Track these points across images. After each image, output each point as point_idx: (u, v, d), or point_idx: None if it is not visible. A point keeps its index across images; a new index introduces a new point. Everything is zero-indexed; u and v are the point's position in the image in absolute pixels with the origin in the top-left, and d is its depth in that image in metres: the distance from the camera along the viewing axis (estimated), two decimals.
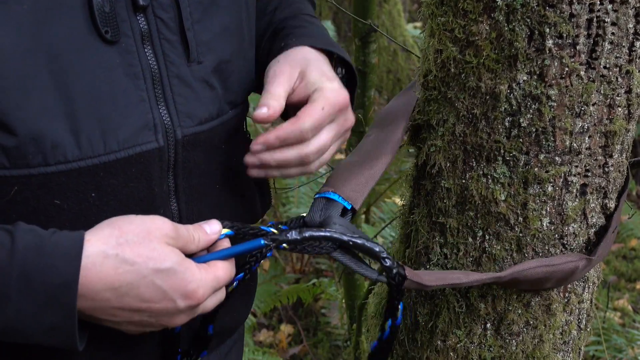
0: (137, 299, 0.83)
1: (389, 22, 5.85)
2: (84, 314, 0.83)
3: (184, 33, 0.95)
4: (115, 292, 0.82)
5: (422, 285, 1.00)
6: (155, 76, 0.93)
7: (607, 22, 0.95)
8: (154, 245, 0.84)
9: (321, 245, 0.99)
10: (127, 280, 0.82)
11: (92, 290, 0.81)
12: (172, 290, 0.84)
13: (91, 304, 0.82)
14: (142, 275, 0.82)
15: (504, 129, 1.00)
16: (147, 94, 0.92)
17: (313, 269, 3.88)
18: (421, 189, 1.13)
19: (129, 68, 0.90)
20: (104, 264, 0.81)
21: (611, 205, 1.08)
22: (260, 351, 2.96)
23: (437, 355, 1.14)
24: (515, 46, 0.96)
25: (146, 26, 0.92)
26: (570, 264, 1.03)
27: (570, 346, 1.15)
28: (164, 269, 0.83)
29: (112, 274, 0.81)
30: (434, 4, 1.03)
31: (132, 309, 0.84)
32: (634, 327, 3.39)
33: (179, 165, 0.98)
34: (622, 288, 4.03)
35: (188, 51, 0.96)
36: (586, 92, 0.98)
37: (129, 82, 0.91)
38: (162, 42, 0.93)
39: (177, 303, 0.85)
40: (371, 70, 2.61)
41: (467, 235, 1.07)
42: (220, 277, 0.89)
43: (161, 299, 0.84)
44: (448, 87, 1.03)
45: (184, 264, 0.85)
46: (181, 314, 0.87)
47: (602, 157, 1.03)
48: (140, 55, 0.92)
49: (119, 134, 0.90)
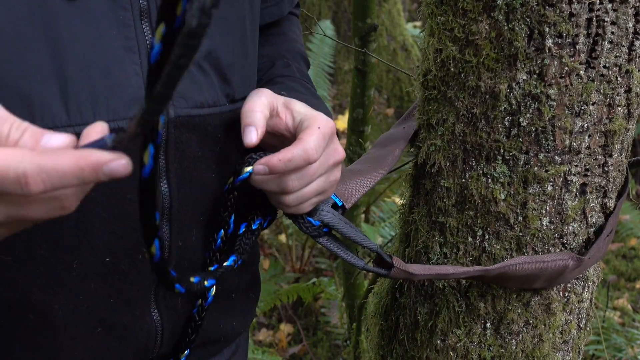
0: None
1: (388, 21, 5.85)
2: None
3: None
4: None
5: (409, 274, 1.00)
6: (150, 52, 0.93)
7: (607, 21, 0.95)
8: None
9: (310, 226, 1.00)
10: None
11: None
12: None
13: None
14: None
15: (503, 129, 1.00)
16: (141, 68, 0.92)
17: (313, 268, 3.88)
18: (421, 188, 1.13)
19: (125, 41, 0.90)
20: None
21: (611, 205, 1.08)
22: (259, 350, 2.96)
23: (437, 355, 1.14)
24: (515, 45, 0.96)
25: (145, 3, 0.92)
26: (560, 262, 1.02)
27: (570, 345, 1.15)
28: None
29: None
30: (433, 3, 1.03)
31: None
32: (633, 326, 3.39)
33: (170, 145, 0.96)
34: (621, 287, 4.03)
35: None
36: (586, 92, 0.98)
37: (124, 55, 0.90)
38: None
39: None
40: (371, 70, 2.61)
41: (467, 234, 1.07)
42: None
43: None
44: (448, 86, 1.03)
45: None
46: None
47: (601, 157, 1.03)
48: (137, 30, 0.91)
49: (109, 105, 0.89)
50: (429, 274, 1.02)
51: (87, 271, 0.92)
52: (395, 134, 1.19)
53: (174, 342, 1.06)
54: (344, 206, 1.04)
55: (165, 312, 1.01)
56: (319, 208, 1.01)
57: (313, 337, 3.45)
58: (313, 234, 1.01)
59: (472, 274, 1.02)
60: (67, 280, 0.91)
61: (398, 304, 1.20)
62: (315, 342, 3.42)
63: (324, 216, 1.01)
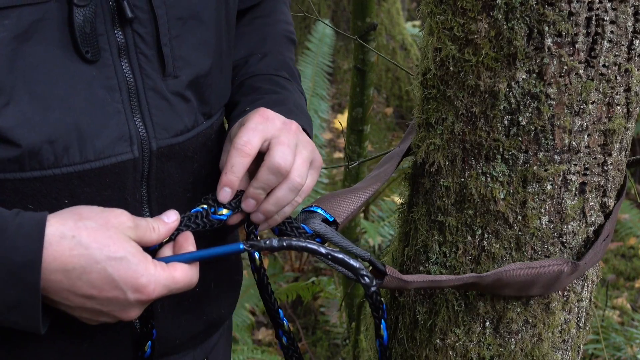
0: (88, 284, 0.83)
1: (387, 20, 5.85)
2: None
3: (161, 48, 0.96)
4: (68, 274, 0.82)
5: (402, 281, 1.01)
6: (131, 89, 0.95)
7: (606, 20, 0.95)
8: (111, 233, 0.84)
9: (303, 233, 1.02)
10: (80, 264, 0.82)
11: (46, 269, 0.81)
12: (122, 280, 0.84)
13: (44, 284, 0.82)
14: (95, 261, 0.83)
15: (503, 128, 1.00)
16: (122, 105, 0.94)
17: (312, 267, 3.89)
18: (420, 188, 1.12)
19: (105, 81, 0.92)
20: (60, 244, 0.81)
21: (610, 204, 1.08)
22: (259, 350, 2.96)
23: (436, 354, 1.14)
24: (514, 44, 0.96)
25: (123, 40, 0.93)
26: (555, 267, 1.02)
27: (569, 345, 1.15)
28: (117, 257, 0.84)
29: (67, 255, 0.82)
30: (432, 2, 1.03)
31: (84, 295, 0.84)
32: (632, 325, 3.39)
33: (152, 176, 1.00)
34: (620, 286, 4.03)
35: (164, 65, 0.96)
36: (585, 91, 0.97)
37: (105, 94, 0.92)
38: (138, 56, 0.95)
39: (127, 295, 0.85)
40: (370, 69, 2.61)
41: (466, 233, 1.07)
42: (177, 278, 0.89)
43: (111, 287, 0.84)
44: (447, 85, 1.03)
45: (138, 256, 0.86)
46: (132, 307, 0.88)
47: (601, 156, 1.03)
48: (117, 68, 0.93)
49: (95, 144, 0.92)
50: (423, 281, 1.02)
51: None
52: (392, 154, 1.22)
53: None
54: (336, 222, 1.06)
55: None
56: (310, 222, 1.03)
57: (312, 336, 3.45)
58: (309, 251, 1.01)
59: (466, 281, 1.02)
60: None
61: (397, 303, 1.20)
62: (314, 341, 3.42)
63: (316, 227, 1.02)
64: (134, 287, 0.85)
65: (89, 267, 0.82)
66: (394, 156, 1.20)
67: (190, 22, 0.99)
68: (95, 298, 0.85)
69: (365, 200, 1.11)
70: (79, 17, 0.88)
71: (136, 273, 0.85)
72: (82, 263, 0.82)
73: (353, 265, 0.98)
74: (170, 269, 0.89)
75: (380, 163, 1.22)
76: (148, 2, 0.94)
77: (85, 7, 0.88)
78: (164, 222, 0.92)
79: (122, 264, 0.84)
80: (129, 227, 0.87)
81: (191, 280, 0.91)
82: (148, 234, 0.89)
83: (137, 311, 0.89)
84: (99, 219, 0.85)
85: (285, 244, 0.96)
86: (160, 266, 0.88)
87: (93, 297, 0.84)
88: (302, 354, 3.28)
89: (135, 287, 0.85)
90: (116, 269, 0.83)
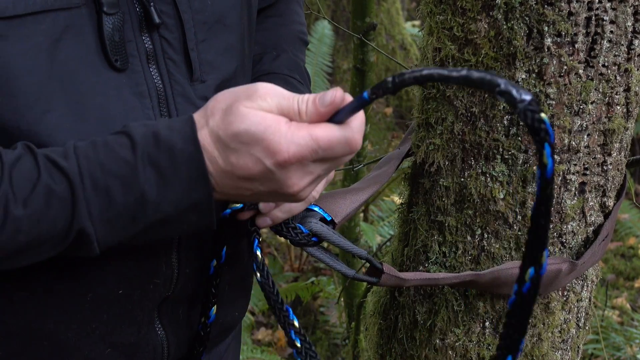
0: (239, 171, 0.81)
1: (387, 20, 5.85)
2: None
3: (188, 53, 0.96)
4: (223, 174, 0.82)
5: (399, 279, 1.01)
6: (160, 95, 0.95)
7: (606, 20, 0.95)
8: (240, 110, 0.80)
9: (300, 233, 1.02)
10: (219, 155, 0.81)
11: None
12: (257, 151, 0.79)
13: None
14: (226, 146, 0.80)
15: (502, 127, 1.00)
16: (153, 112, 0.93)
17: (311, 267, 3.89)
18: (420, 188, 1.12)
19: (136, 87, 0.92)
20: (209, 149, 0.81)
21: (610, 204, 1.08)
22: (258, 349, 2.96)
23: (436, 354, 1.14)
24: (514, 44, 0.96)
25: (151, 46, 0.93)
26: (552, 266, 1.02)
27: (569, 344, 1.15)
28: (241, 130, 0.79)
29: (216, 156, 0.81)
30: (432, 2, 1.03)
31: (243, 179, 0.82)
32: (632, 325, 3.39)
33: None
34: (620, 286, 4.03)
35: (192, 70, 0.97)
36: (585, 91, 0.97)
37: (136, 101, 0.92)
38: (166, 61, 0.95)
39: (266, 163, 0.79)
40: (370, 69, 2.61)
41: (466, 233, 1.07)
42: (319, 136, 0.79)
43: (254, 162, 0.80)
44: (447, 85, 1.03)
45: (267, 120, 0.79)
46: (279, 176, 0.81)
47: (600, 156, 1.03)
48: (146, 74, 0.93)
49: None
50: (420, 279, 1.02)
51: (100, 302, 0.95)
52: (391, 155, 1.22)
53: (181, 350, 1.09)
54: (333, 221, 1.06)
55: (168, 325, 1.05)
56: (307, 221, 1.03)
57: (312, 336, 3.45)
58: (302, 241, 1.02)
59: (464, 279, 1.02)
60: (80, 311, 0.95)
61: (397, 303, 1.20)
62: (314, 341, 3.42)
63: (313, 226, 1.02)
64: (267, 152, 0.79)
65: (226, 155, 0.80)
66: (394, 158, 1.20)
67: (215, 26, 1.00)
68: (251, 179, 0.81)
69: (364, 201, 1.11)
70: (109, 26, 0.88)
71: (264, 135, 0.78)
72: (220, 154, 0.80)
73: (490, 80, 0.70)
74: (309, 127, 0.79)
75: (379, 164, 1.22)
76: (174, 7, 0.94)
77: (114, 15, 0.88)
78: (315, 107, 0.80)
79: (247, 135, 0.79)
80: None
81: (334, 136, 0.80)
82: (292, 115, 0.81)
83: (295, 179, 0.82)
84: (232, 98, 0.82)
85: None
86: (296, 125, 0.80)
87: (250, 178, 0.81)
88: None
89: (268, 151, 0.79)
90: (246, 142, 0.79)
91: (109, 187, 0.79)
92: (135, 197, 0.80)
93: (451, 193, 1.07)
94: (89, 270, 0.92)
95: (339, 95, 0.80)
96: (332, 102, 0.79)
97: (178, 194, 0.81)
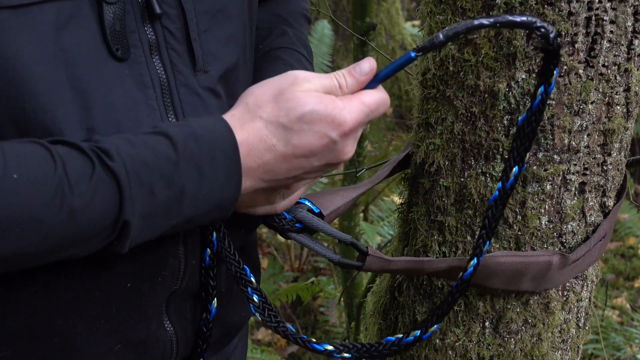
0: (301, 152, 0.90)
1: (387, 20, 5.86)
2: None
3: (191, 43, 0.96)
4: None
5: (384, 260, 1.01)
6: (164, 86, 0.94)
7: (606, 20, 0.95)
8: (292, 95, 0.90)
9: (282, 219, 1.03)
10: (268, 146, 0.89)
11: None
12: (323, 127, 0.89)
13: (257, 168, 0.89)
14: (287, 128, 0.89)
15: (502, 127, 1.00)
16: (156, 102, 0.93)
17: (311, 267, 3.89)
18: (420, 187, 1.12)
19: (139, 78, 0.92)
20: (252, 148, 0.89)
21: (610, 204, 1.08)
22: (258, 349, 2.96)
23: (436, 354, 1.14)
24: (514, 44, 0.96)
25: (154, 37, 0.93)
26: (542, 258, 1.02)
27: (569, 344, 1.15)
28: (305, 112, 0.89)
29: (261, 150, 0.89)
30: (432, 2, 1.03)
31: (302, 157, 0.91)
32: (632, 325, 3.39)
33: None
34: (620, 286, 4.03)
35: (195, 60, 0.96)
36: (585, 91, 0.97)
37: (139, 92, 0.92)
38: (169, 52, 0.94)
39: (332, 136, 0.90)
40: None
41: (466, 233, 1.07)
42: (368, 101, 0.92)
43: (319, 138, 0.90)
44: (447, 85, 1.03)
45: (323, 100, 0.89)
46: (340, 145, 0.92)
47: (600, 156, 1.03)
48: (149, 65, 0.93)
49: None
50: (406, 261, 1.04)
51: (108, 297, 0.96)
52: (391, 161, 1.22)
53: (189, 348, 1.09)
54: (321, 214, 1.06)
55: (176, 322, 1.05)
56: (293, 209, 1.04)
57: (312, 336, 3.45)
58: (286, 226, 1.03)
59: (451, 264, 1.02)
60: (89, 306, 0.95)
61: (397, 303, 1.20)
62: None
63: (298, 213, 1.03)
64: (334, 125, 0.89)
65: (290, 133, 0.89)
66: (389, 163, 1.21)
67: (217, 16, 1.00)
68: (311, 155, 0.91)
69: (355, 197, 1.11)
70: (109, 15, 0.88)
71: (327, 111, 0.89)
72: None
73: (523, 22, 0.90)
74: (356, 95, 0.92)
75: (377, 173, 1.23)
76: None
77: (114, 4, 0.88)
78: (354, 77, 0.94)
79: (313, 115, 0.89)
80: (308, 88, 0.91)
81: (381, 99, 0.94)
82: (334, 92, 0.92)
83: (350, 146, 0.93)
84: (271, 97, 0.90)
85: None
86: (346, 97, 0.92)
87: (310, 155, 0.90)
88: (302, 354, 3.27)
89: (334, 124, 0.89)
90: (310, 121, 0.89)
91: (152, 184, 0.82)
92: (175, 194, 0.84)
93: (451, 193, 1.07)
94: (97, 264, 0.93)
95: (373, 62, 0.93)
96: (371, 69, 0.93)
97: (214, 191, 0.87)
